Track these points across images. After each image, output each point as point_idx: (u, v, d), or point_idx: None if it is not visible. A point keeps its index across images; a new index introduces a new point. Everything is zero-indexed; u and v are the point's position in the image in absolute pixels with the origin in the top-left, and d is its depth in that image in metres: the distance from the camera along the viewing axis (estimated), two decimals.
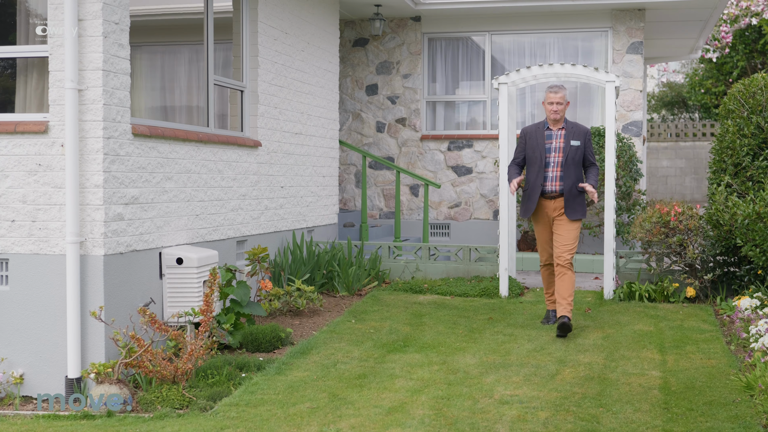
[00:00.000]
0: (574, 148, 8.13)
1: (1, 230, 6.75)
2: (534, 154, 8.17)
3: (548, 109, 8.18)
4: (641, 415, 5.67)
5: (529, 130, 8.33)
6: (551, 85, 8.18)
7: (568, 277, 8.05)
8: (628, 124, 12.96)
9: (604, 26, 13.04)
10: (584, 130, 8.26)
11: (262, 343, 7.60)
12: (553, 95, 8.14)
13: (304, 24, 10.87)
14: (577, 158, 8.13)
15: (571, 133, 8.19)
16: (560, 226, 8.13)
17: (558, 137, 8.18)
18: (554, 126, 8.22)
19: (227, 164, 8.70)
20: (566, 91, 8.16)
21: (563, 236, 8.09)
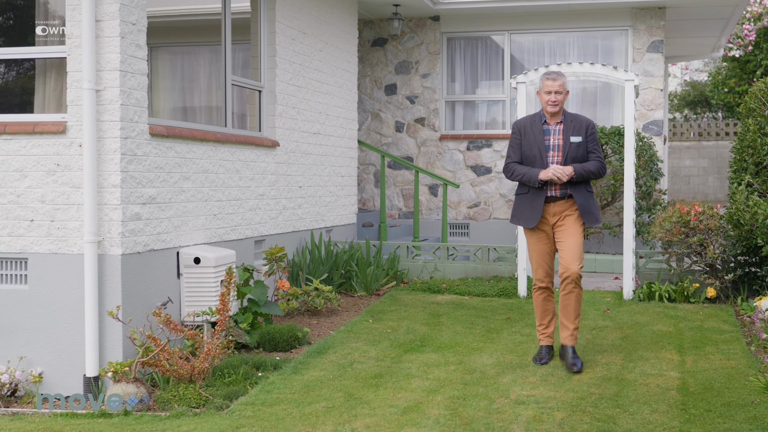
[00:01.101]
0: (574, 145, 6.86)
1: (20, 230, 6.79)
2: (532, 152, 6.90)
3: (545, 100, 6.89)
4: (658, 416, 5.64)
5: (524, 123, 7.00)
6: (548, 72, 6.94)
7: (575, 295, 6.84)
8: (648, 124, 12.88)
9: (624, 25, 12.98)
10: (586, 122, 6.96)
11: (279, 343, 7.61)
12: (551, 83, 6.86)
13: (322, 24, 10.88)
14: (579, 157, 6.87)
15: (570, 127, 6.90)
16: (565, 232, 6.87)
17: (556, 133, 6.92)
18: (552, 120, 6.95)
19: (245, 164, 8.72)
20: (566, 78, 6.92)
21: (570, 243, 6.83)
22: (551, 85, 6.86)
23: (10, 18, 7.29)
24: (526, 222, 6.92)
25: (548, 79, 6.88)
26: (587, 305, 9.34)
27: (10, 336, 6.80)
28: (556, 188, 6.88)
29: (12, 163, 6.80)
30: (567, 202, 6.89)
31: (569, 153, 6.87)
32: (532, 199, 6.91)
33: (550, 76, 6.88)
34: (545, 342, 7.13)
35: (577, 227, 6.87)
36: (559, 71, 7.01)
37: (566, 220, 6.89)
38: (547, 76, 6.89)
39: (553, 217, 6.92)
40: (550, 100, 6.86)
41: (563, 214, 6.90)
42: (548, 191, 6.86)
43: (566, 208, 6.90)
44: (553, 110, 6.88)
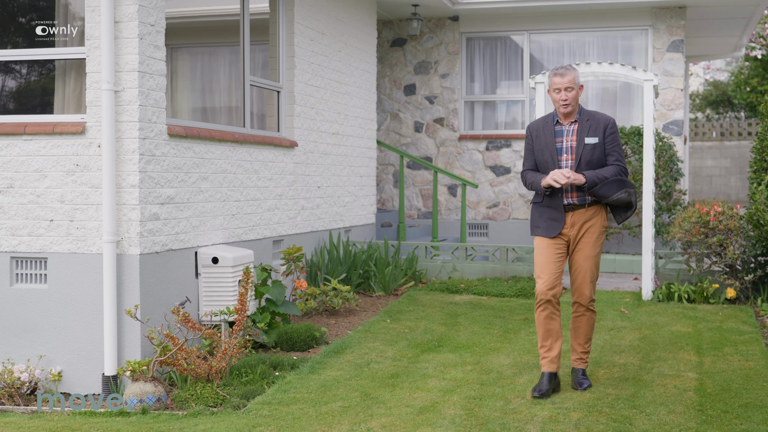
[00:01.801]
0: (589, 147, 6.11)
1: (39, 229, 6.85)
2: (544, 157, 6.21)
3: (555, 99, 6.18)
4: (675, 416, 5.62)
5: (536, 126, 6.33)
6: (556, 68, 6.19)
7: (587, 318, 6.31)
8: (668, 123, 12.83)
9: (644, 24, 12.93)
10: (605, 121, 6.19)
11: (296, 342, 7.64)
12: (560, 80, 6.12)
13: (341, 24, 10.90)
14: (594, 160, 6.11)
15: (585, 127, 6.16)
16: (581, 253, 6.20)
17: (569, 134, 6.18)
18: (565, 120, 6.22)
19: (263, 164, 8.76)
20: (577, 72, 6.16)
21: (585, 266, 6.20)
22: (560, 82, 6.13)
23: (31, 19, 7.35)
24: (546, 231, 6.19)
25: (556, 76, 6.15)
26: (606, 306, 9.31)
27: (30, 335, 6.85)
28: (573, 195, 6.16)
29: (32, 164, 6.86)
30: (588, 211, 6.17)
31: (583, 156, 6.12)
32: (549, 207, 6.22)
33: (558, 72, 6.15)
34: (547, 368, 6.19)
35: (596, 247, 6.21)
36: (568, 66, 6.22)
37: (585, 238, 6.19)
38: (555, 73, 6.16)
39: (571, 228, 6.19)
40: (560, 99, 6.14)
41: (583, 227, 6.19)
42: (565, 198, 6.15)
43: (586, 219, 6.18)
44: (565, 110, 6.15)
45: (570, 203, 6.16)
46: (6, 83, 7.43)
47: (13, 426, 5.72)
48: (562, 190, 6.14)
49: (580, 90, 6.18)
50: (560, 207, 6.16)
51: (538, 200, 6.27)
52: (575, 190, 6.14)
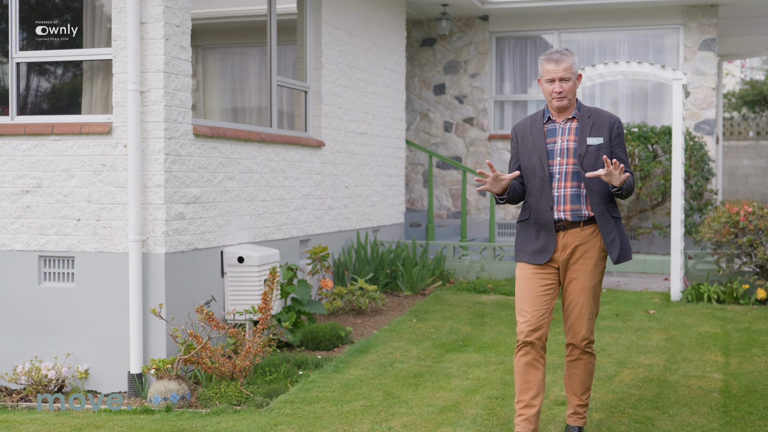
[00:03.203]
0: (593, 148, 4.92)
1: (67, 229, 6.93)
2: (531, 162, 4.98)
3: (547, 91, 4.97)
4: (698, 418, 5.57)
5: (522, 126, 5.12)
6: (549, 52, 4.96)
7: (584, 363, 5.13)
8: (700, 123, 12.71)
9: (675, 23, 12.82)
10: (610, 119, 5.02)
11: (321, 342, 7.66)
12: (553, 67, 4.91)
13: (369, 24, 10.92)
14: (598, 165, 4.90)
15: (587, 125, 4.97)
16: (576, 282, 4.97)
17: (566, 133, 4.98)
18: (559, 116, 5.02)
19: (290, 164, 8.79)
20: (574, 59, 4.95)
21: (582, 300, 4.98)
22: (553, 70, 4.92)
23: (58, 21, 7.43)
24: (532, 256, 4.98)
25: (549, 62, 4.93)
26: (634, 306, 9.26)
27: (58, 333, 6.94)
28: (566, 208, 4.93)
29: (60, 164, 6.94)
30: (583, 231, 4.94)
31: (585, 160, 4.91)
32: (536, 225, 5.00)
33: (552, 57, 4.93)
34: (521, 428, 4.98)
35: (594, 276, 4.98)
36: (563, 50, 4.98)
37: (581, 265, 4.96)
38: (548, 58, 4.95)
39: (563, 251, 4.97)
40: (554, 90, 4.94)
41: (577, 251, 4.97)
42: (555, 212, 4.93)
43: (581, 241, 4.95)
44: (559, 104, 4.95)
45: (561, 220, 4.94)
46: (34, 84, 7.52)
47: (39, 423, 5.79)
48: (552, 202, 4.92)
49: (578, 80, 5.01)
50: (550, 225, 4.94)
51: (524, 217, 5.08)
52: (569, 202, 4.92)
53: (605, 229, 4.94)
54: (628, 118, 13.12)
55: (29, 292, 6.99)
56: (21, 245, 7.01)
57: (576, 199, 4.92)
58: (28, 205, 6.99)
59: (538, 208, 4.95)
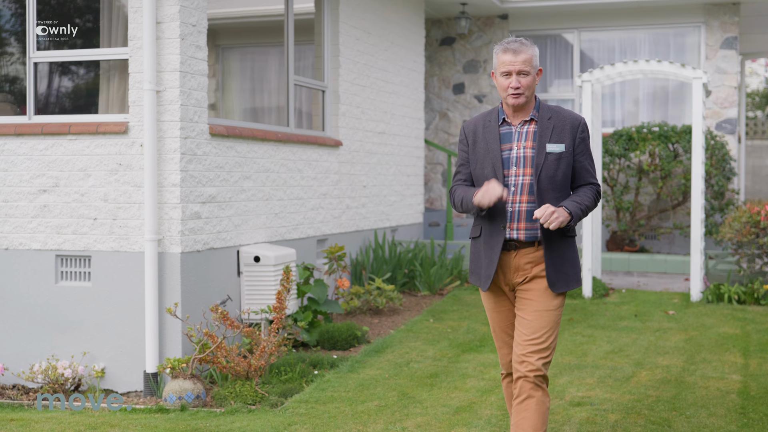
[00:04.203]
0: (553, 158, 4.26)
1: (84, 228, 6.95)
2: (483, 172, 4.34)
3: (502, 86, 4.29)
4: (715, 419, 5.51)
5: (472, 127, 4.46)
6: (507, 41, 4.29)
7: (536, 402, 4.26)
8: (721, 122, 12.61)
9: (696, 21, 12.72)
10: (573, 121, 4.33)
11: (338, 341, 7.65)
12: (511, 58, 4.23)
13: (388, 24, 10.90)
14: (559, 176, 4.27)
15: (547, 128, 4.29)
16: (528, 304, 4.31)
17: (522, 137, 4.31)
18: (515, 116, 4.35)
19: (307, 163, 8.78)
20: (535, 50, 4.29)
21: (534, 321, 4.28)
22: (510, 62, 4.24)
23: (75, 21, 7.46)
24: (480, 280, 4.42)
25: (507, 52, 4.25)
26: (653, 306, 9.19)
27: (74, 331, 6.96)
28: (519, 226, 4.28)
29: (76, 163, 6.96)
30: (537, 251, 4.30)
31: (544, 170, 4.26)
32: (486, 246, 4.36)
33: (510, 47, 4.25)
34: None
35: (550, 298, 4.29)
36: (522, 39, 4.31)
37: (536, 283, 4.31)
38: (505, 48, 4.27)
39: (515, 273, 4.34)
40: (510, 85, 4.25)
41: (531, 273, 4.32)
42: (508, 231, 4.28)
43: (536, 262, 4.32)
44: (516, 102, 4.27)
45: (514, 239, 4.29)
46: (52, 84, 7.55)
47: (55, 421, 5.81)
48: (504, 218, 4.28)
49: (538, 75, 4.33)
50: (498, 247, 4.30)
51: (475, 233, 4.44)
52: (524, 220, 4.27)
53: (551, 251, 4.27)
54: (648, 117, 13.03)
55: (46, 291, 7.02)
56: (38, 244, 7.04)
57: (530, 216, 4.26)
58: (45, 204, 7.02)
59: (491, 227, 4.31)
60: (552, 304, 4.28)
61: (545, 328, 4.27)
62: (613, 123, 13.20)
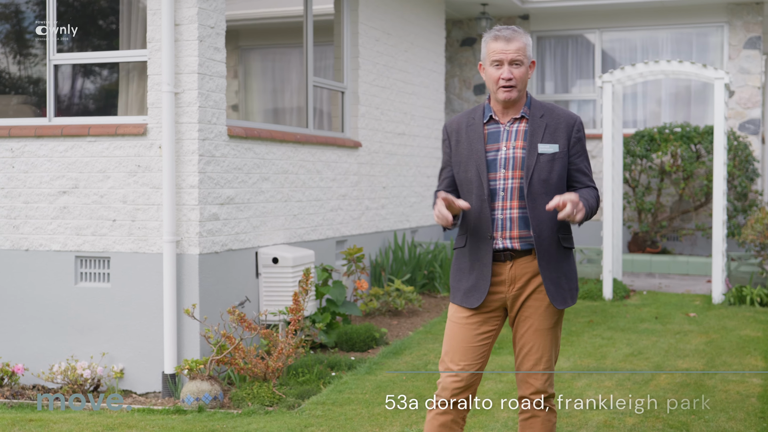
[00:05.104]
0: (546, 158, 3.87)
1: (103, 229, 6.98)
2: (467, 175, 3.95)
3: (492, 78, 3.88)
4: (734, 423, 5.47)
5: (455, 125, 4.04)
6: (498, 29, 3.91)
7: (542, 421, 4.03)
8: (744, 122, 12.51)
9: (719, 21, 12.63)
10: (568, 120, 3.94)
11: (356, 343, 7.64)
12: (503, 45, 3.84)
13: (408, 24, 10.88)
14: (553, 179, 3.87)
15: (539, 127, 3.90)
16: (528, 320, 3.94)
17: (512, 137, 3.91)
18: (504, 114, 3.94)
19: (326, 164, 8.79)
20: (529, 39, 3.91)
21: (536, 341, 3.94)
22: (502, 50, 3.84)
23: (94, 24, 7.50)
24: (466, 298, 3.95)
25: (498, 40, 3.86)
26: (675, 308, 9.13)
27: (93, 332, 6.99)
28: (513, 234, 3.90)
29: (96, 165, 6.99)
30: (535, 260, 3.91)
31: (536, 173, 3.86)
32: (473, 257, 3.96)
33: (502, 34, 3.86)
34: None
35: (553, 314, 3.94)
36: (514, 27, 3.92)
37: (536, 300, 3.93)
38: (495, 36, 3.87)
39: (511, 285, 3.93)
40: (501, 77, 3.84)
41: (530, 285, 3.93)
42: (500, 241, 3.90)
43: (533, 273, 3.93)
44: (507, 96, 3.85)
45: (507, 249, 3.90)
46: (71, 86, 7.60)
47: (73, 422, 5.84)
48: (491, 228, 3.88)
49: (531, 68, 3.92)
50: (488, 258, 3.90)
51: (460, 243, 4.04)
52: (520, 227, 3.88)
53: (549, 263, 3.89)
54: (671, 118, 12.94)
55: (66, 292, 7.06)
56: (58, 245, 7.08)
57: (525, 222, 3.87)
58: (65, 205, 7.06)
59: (476, 235, 3.92)
60: (551, 322, 3.93)
61: (547, 348, 3.94)
62: (635, 123, 13.13)
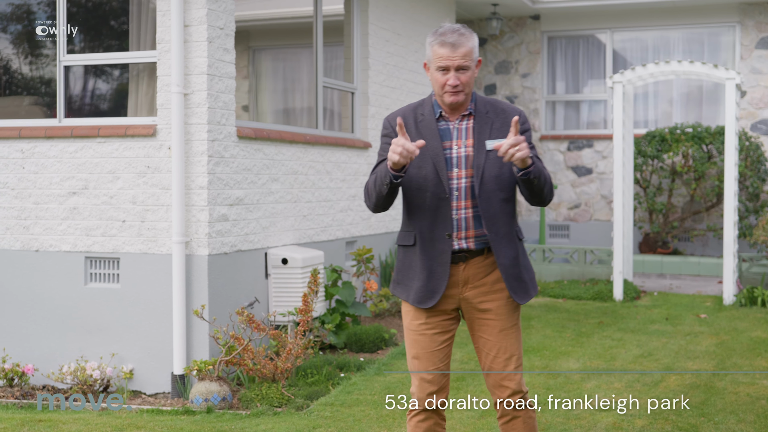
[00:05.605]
0: (494, 154, 3.74)
1: (112, 230, 7.00)
2: (422, 173, 3.76)
3: (438, 81, 3.76)
4: (744, 426, 5.44)
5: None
6: (442, 31, 3.73)
7: (523, 420, 3.93)
8: (756, 123, 12.45)
9: (731, 21, 12.58)
10: (513, 113, 3.82)
11: (365, 344, 7.64)
12: (449, 51, 3.69)
13: (418, 25, 10.87)
14: (505, 174, 3.76)
15: (486, 123, 3.81)
16: (490, 323, 3.83)
17: (461, 135, 3.82)
18: (452, 112, 3.84)
19: (336, 165, 8.78)
20: (475, 40, 3.74)
21: (503, 341, 3.84)
22: (448, 56, 3.70)
23: (105, 25, 7.52)
24: (419, 297, 3.83)
25: (443, 46, 3.69)
26: (685, 310, 9.09)
27: (103, 333, 7.01)
28: (468, 234, 3.78)
29: (105, 165, 7.01)
30: (487, 259, 3.81)
31: (487, 170, 3.75)
32: (426, 256, 3.81)
33: (448, 40, 3.69)
34: None
35: (513, 313, 3.86)
36: (460, 29, 3.75)
37: (495, 300, 3.82)
38: (441, 41, 3.71)
39: (465, 287, 3.82)
40: (447, 82, 3.73)
41: (485, 285, 3.83)
42: (455, 241, 3.77)
43: (488, 272, 3.83)
44: (454, 100, 3.75)
45: (463, 249, 3.79)
46: (82, 87, 7.62)
47: (82, 422, 5.86)
48: (449, 225, 3.75)
49: (478, 66, 3.81)
50: (446, 258, 3.78)
51: (407, 242, 3.88)
52: (475, 226, 3.78)
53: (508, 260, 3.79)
54: (682, 118, 12.90)
55: (75, 292, 7.07)
56: (68, 246, 7.10)
57: (479, 221, 3.77)
58: (75, 206, 7.08)
59: (432, 236, 3.76)
60: (514, 318, 3.85)
61: (515, 347, 3.86)
62: (646, 124, 13.08)
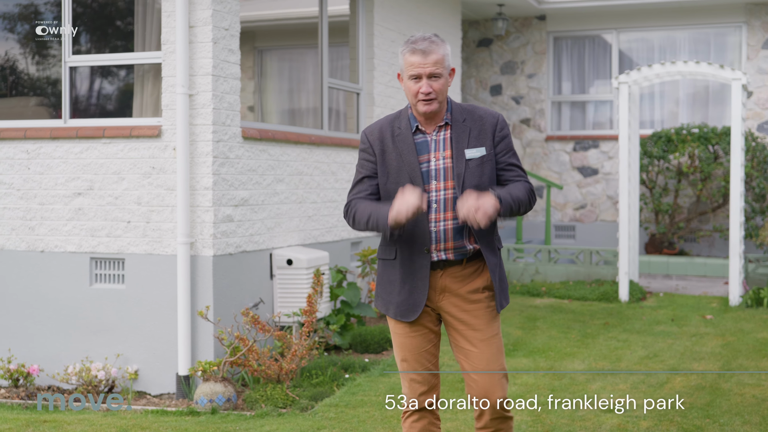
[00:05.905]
0: (475, 163, 3.77)
1: (117, 231, 7.01)
2: (398, 188, 3.71)
3: (411, 90, 3.75)
4: (750, 427, 5.42)
5: (379, 134, 3.85)
6: (414, 40, 3.73)
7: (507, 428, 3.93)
8: (763, 123, 12.43)
9: (737, 21, 12.55)
10: (491, 119, 3.84)
11: (370, 345, 7.64)
12: (420, 59, 3.70)
13: (423, 25, 10.86)
14: (485, 183, 3.75)
15: (463, 132, 3.81)
16: (471, 333, 3.81)
17: (439, 146, 3.81)
18: (428, 123, 3.82)
19: (341, 166, 8.78)
20: (447, 48, 3.76)
21: (486, 350, 3.81)
22: (420, 64, 3.70)
23: (110, 26, 7.53)
24: (401, 311, 3.84)
25: (414, 53, 3.71)
26: (691, 311, 9.07)
27: (108, 334, 7.01)
28: (447, 246, 3.78)
29: (110, 166, 7.02)
30: (465, 269, 3.84)
31: (467, 179, 3.75)
32: (405, 269, 3.83)
33: (418, 47, 3.70)
34: None
35: (494, 321, 3.84)
36: (431, 37, 3.76)
37: (475, 309, 3.81)
38: (412, 49, 3.72)
39: (441, 295, 3.83)
40: (421, 91, 3.72)
41: (461, 294, 3.82)
42: (435, 254, 3.79)
43: (465, 281, 3.84)
44: (428, 109, 3.74)
45: (442, 260, 3.80)
46: (87, 87, 7.63)
47: (87, 423, 5.86)
48: (427, 240, 3.76)
49: (451, 76, 3.81)
50: (425, 271, 3.79)
51: (387, 255, 3.89)
52: (450, 239, 3.78)
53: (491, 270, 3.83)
54: (688, 119, 12.87)
55: (81, 293, 7.08)
56: (73, 247, 7.11)
57: (458, 233, 3.77)
58: (80, 207, 7.08)
59: (410, 249, 3.79)
60: (495, 326, 3.83)
61: (498, 355, 3.83)
62: (652, 124, 13.06)
